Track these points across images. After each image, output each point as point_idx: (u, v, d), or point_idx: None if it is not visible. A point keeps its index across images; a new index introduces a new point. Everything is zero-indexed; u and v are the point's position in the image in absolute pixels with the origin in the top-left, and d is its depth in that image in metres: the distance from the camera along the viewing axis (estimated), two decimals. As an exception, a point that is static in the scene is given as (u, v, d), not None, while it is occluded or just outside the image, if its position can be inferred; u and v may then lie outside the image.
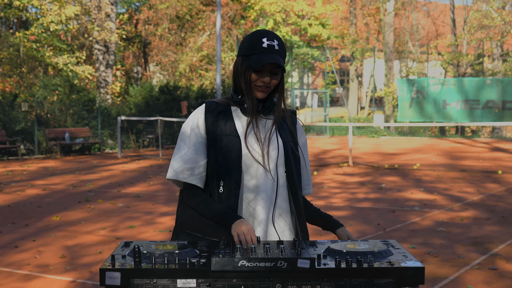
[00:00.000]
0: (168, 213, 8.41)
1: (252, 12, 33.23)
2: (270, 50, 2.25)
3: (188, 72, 30.58)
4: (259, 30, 2.31)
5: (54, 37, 24.76)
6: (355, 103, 38.19)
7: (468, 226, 7.32)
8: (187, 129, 2.32)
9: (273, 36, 2.29)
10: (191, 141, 2.30)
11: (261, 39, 2.26)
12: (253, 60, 2.24)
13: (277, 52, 2.26)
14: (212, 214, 2.25)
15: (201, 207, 2.29)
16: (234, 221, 2.19)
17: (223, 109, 2.34)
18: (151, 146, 22.11)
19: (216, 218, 2.24)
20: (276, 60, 2.23)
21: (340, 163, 14.91)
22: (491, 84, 24.81)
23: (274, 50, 2.26)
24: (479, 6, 30.02)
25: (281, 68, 2.27)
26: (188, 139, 2.31)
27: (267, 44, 2.25)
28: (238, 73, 2.30)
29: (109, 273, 1.87)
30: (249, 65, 2.24)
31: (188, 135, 2.31)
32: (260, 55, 2.24)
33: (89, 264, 5.68)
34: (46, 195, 10.18)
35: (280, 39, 2.32)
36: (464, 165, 14.30)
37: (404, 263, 1.95)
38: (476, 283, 4.97)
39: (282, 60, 2.28)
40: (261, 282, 1.89)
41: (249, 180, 2.27)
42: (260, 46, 2.25)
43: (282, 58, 2.28)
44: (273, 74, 2.27)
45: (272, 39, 2.28)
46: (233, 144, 2.27)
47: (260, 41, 2.26)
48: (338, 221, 2.44)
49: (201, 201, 2.29)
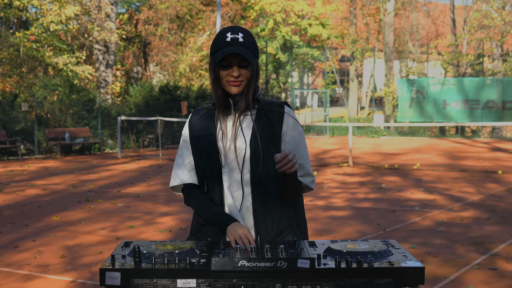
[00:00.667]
0: (168, 213, 8.41)
1: (252, 12, 33.22)
2: (232, 43, 2.23)
3: (188, 72, 30.58)
4: (226, 27, 2.31)
5: (54, 37, 24.75)
6: (355, 103, 38.18)
7: (468, 226, 7.32)
8: (181, 140, 2.44)
9: (238, 30, 2.27)
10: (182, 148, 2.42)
11: (225, 34, 2.26)
12: (217, 55, 2.24)
13: (241, 44, 2.24)
14: (209, 216, 2.29)
15: (199, 209, 2.34)
16: (229, 224, 2.20)
17: (207, 113, 2.38)
18: (151, 146, 22.10)
19: (212, 220, 2.28)
20: (237, 50, 2.20)
21: (340, 163, 14.91)
22: (491, 84, 24.80)
23: (238, 42, 2.24)
24: (479, 6, 30.02)
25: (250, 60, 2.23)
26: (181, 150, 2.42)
27: (231, 38, 2.24)
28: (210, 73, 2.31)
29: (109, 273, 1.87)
30: (215, 61, 2.24)
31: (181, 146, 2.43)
32: (223, 49, 2.23)
33: (89, 264, 5.68)
34: (46, 195, 10.18)
35: (248, 32, 2.29)
36: (464, 165, 14.30)
37: (404, 263, 1.95)
38: (476, 283, 4.97)
39: (249, 51, 2.24)
40: (261, 282, 1.89)
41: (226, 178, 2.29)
42: (224, 41, 2.25)
43: (249, 50, 2.25)
44: (242, 67, 2.25)
45: (237, 32, 2.26)
46: (208, 143, 2.31)
47: (224, 36, 2.26)
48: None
49: (199, 203, 2.34)
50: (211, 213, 2.28)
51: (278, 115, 2.32)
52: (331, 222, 7.62)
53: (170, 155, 18.19)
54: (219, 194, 2.29)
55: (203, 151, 2.31)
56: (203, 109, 2.42)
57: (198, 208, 2.33)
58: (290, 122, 2.34)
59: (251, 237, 2.13)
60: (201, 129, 2.35)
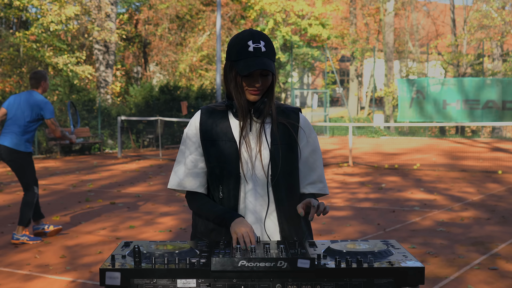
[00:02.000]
0: (168, 213, 8.41)
1: (252, 12, 33.22)
2: (256, 54, 2.21)
3: (188, 72, 30.58)
4: (244, 32, 2.27)
5: (54, 37, 24.75)
6: (355, 103, 38.18)
7: (468, 226, 7.32)
8: (186, 137, 2.36)
9: (259, 37, 2.24)
10: (190, 149, 2.34)
11: (246, 42, 2.22)
12: (240, 66, 2.21)
13: (265, 54, 2.22)
14: (212, 215, 2.28)
15: (202, 210, 2.32)
16: (234, 220, 2.20)
17: (219, 114, 2.34)
18: (151, 146, 22.10)
19: (217, 219, 2.27)
20: (263, 65, 2.19)
21: (340, 163, 14.91)
22: (491, 84, 24.80)
23: (261, 53, 2.22)
24: (479, 6, 30.02)
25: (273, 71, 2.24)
26: (187, 148, 2.35)
27: (253, 48, 2.21)
28: (227, 78, 2.28)
29: (109, 273, 1.87)
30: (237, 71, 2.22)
31: (186, 144, 2.35)
32: (247, 60, 2.21)
33: (89, 264, 5.68)
34: (46, 195, 10.18)
35: (267, 37, 2.26)
36: (464, 165, 14.30)
37: (404, 263, 1.95)
38: (476, 283, 4.97)
39: (271, 60, 2.24)
40: (261, 282, 1.89)
41: (246, 184, 2.28)
42: (246, 50, 2.21)
43: (271, 59, 2.24)
44: (263, 76, 2.24)
45: (258, 40, 2.23)
46: (229, 149, 2.28)
47: (246, 44, 2.22)
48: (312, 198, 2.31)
49: (201, 204, 2.33)
50: (215, 210, 2.27)
51: (294, 121, 2.34)
52: (331, 222, 7.62)
53: (170, 155, 18.19)
54: (234, 201, 2.28)
55: (223, 157, 2.28)
56: (214, 110, 2.36)
57: (200, 208, 2.32)
58: (307, 128, 2.37)
59: (253, 236, 2.13)
60: (219, 134, 2.30)
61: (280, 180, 2.28)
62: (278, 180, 2.27)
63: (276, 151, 2.28)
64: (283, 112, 2.35)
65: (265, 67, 2.19)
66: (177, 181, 2.35)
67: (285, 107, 2.37)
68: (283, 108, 2.36)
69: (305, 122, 2.37)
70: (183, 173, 2.34)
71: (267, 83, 2.26)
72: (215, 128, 2.31)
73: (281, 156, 2.28)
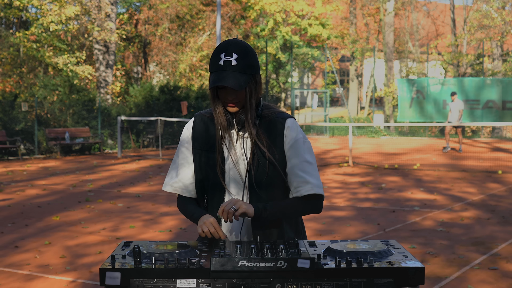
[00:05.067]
0: (169, 213, 8.41)
1: (252, 12, 33.22)
2: (225, 68, 2.16)
3: (188, 72, 30.58)
4: (222, 43, 2.23)
5: (54, 37, 24.76)
6: (355, 103, 38.18)
7: (468, 226, 7.32)
8: (180, 144, 2.41)
9: (233, 50, 2.18)
10: (181, 155, 2.39)
11: (219, 55, 2.19)
12: (210, 79, 2.20)
13: (234, 69, 2.16)
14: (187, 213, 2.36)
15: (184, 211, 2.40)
16: (200, 217, 2.26)
17: (209, 123, 2.35)
18: (151, 146, 22.11)
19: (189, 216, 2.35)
20: (224, 81, 2.13)
21: (340, 163, 14.91)
22: (491, 84, 24.80)
23: (230, 67, 2.16)
24: (479, 6, 30.01)
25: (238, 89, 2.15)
26: (179, 152, 2.40)
27: (224, 61, 2.17)
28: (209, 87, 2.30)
29: (109, 273, 1.87)
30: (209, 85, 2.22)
31: (179, 149, 2.40)
32: (216, 74, 2.18)
33: (89, 264, 5.68)
34: (46, 195, 10.18)
35: (244, 49, 2.19)
36: (464, 165, 14.30)
37: (404, 263, 1.95)
38: (476, 283, 4.97)
39: (242, 73, 2.17)
40: (261, 282, 1.89)
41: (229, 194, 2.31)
42: (217, 63, 2.18)
43: (243, 72, 2.17)
44: (235, 90, 2.20)
45: (231, 53, 2.17)
46: (212, 160, 2.31)
47: (218, 57, 2.19)
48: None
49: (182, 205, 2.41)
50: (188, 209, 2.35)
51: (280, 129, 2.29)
52: (331, 222, 7.62)
53: (170, 155, 18.19)
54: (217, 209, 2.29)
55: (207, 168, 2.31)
56: (206, 119, 2.35)
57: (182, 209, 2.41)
58: (291, 135, 2.30)
59: (219, 227, 2.18)
60: (205, 144, 2.32)
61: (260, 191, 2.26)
62: (257, 191, 2.26)
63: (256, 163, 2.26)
64: (271, 122, 2.30)
65: (224, 83, 2.13)
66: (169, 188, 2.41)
67: (274, 116, 2.30)
68: (272, 117, 2.30)
69: (290, 129, 2.29)
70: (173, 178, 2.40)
71: (242, 96, 2.21)
72: (202, 138, 2.34)
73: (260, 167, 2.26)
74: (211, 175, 2.30)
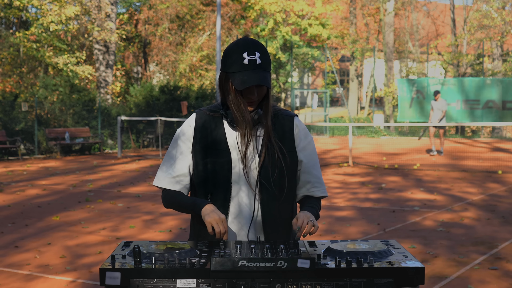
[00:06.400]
0: (169, 213, 8.41)
1: (252, 12, 33.22)
2: (252, 67, 2.18)
3: (188, 72, 30.58)
4: (239, 41, 2.23)
5: (54, 37, 24.76)
6: (355, 103, 38.18)
7: (468, 226, 7.32)
8: (177, 138, 2.35)
9: (254, 48, 2.20)
10: (179, 150, 2.33)
11: (241, 54, 2.18)
12: (236, 80, 2.18)
13: (260, 67, 2.19)
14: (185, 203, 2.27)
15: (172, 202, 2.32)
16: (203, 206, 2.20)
17: (214, 121, 2.32)
18: (151, 146, 22.11)
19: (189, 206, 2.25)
20: (259, 81, 2.16)
21: (341, 163, 14.91)
22: (491, 84, 24.80)
23: (256, 65, 2.18)
24: (479, 6, 30.01)
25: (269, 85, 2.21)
26: (176, 148, 2.33)
27: (248, 60, 2.18)
28: (224, 87, 2.25)
29: (109, 273, 1.87)
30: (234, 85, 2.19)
31: (177, 144, 2.34)
32: (243, 74, 2.17)
33: (89, 264, 5.68)
34: (46, 195, 10.18)
35: (262, 47, 2.22)
36: (464, 165, 14.30)
37: (404, 263, 1.95)
38: (477, 283, 4.97)
39: (267, 72, 2.21)
40: (261, 282, 1.89)
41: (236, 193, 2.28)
42: (241, 63, 2.18)
43: (266, 70, 2.21)
44: (258, 87, 2.22)
45: (253, 52, 2.19)
46: (222, 159, 2.27)
47: (241, 57, 2.18)
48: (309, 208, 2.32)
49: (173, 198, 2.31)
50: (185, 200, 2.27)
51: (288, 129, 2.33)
52: (332, 222, 7.62)
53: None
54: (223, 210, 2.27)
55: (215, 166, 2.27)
56: (210, 116, 2.33)
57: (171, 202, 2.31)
58: (303, 133, 2.35)
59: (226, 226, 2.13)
60: (212, 142, 2.29)
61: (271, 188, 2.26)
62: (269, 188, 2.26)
63: (269, 163, 2.26)
64: (278, 119, 2.33)
65: (260, 82, 2.16)
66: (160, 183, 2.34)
67: (281, 113, 2.34)
68: (279, 114, 2.34)
69: (300, 128, 2.35)
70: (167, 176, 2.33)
71: (262, 93, 2.24)
72: (209, 136, 2.30)
73: (272, 164, 2.27)
74: (219, 172, 2.27)
